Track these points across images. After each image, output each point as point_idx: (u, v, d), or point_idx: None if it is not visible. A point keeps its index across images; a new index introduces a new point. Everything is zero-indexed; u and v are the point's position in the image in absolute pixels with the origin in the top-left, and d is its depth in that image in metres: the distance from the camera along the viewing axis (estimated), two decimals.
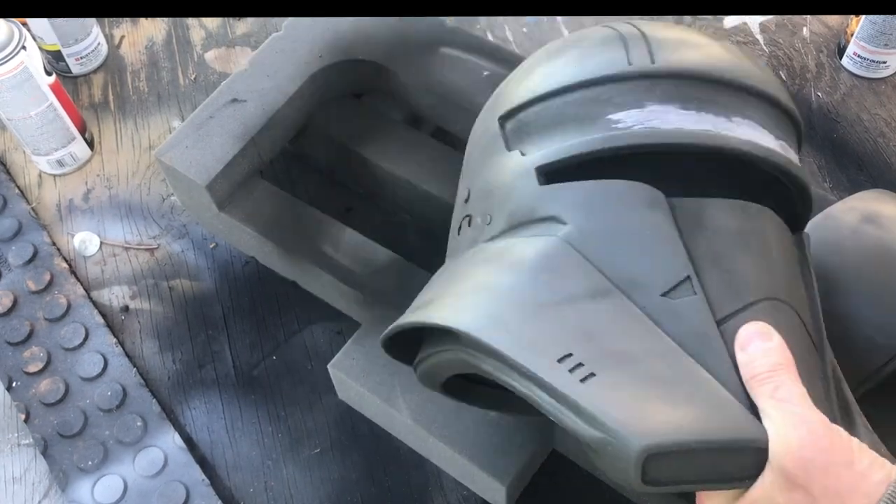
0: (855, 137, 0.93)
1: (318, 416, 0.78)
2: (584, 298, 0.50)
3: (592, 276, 0.51)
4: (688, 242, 0.51)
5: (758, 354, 0.48)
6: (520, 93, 0.58)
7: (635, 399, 0.46)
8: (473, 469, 0.67)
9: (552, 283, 0.51)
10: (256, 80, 0.83)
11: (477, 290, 0.53)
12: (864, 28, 0.93)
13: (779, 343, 0.49)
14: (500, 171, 0.57)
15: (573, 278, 0.51)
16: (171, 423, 0.77)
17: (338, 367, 0.72)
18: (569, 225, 0.53)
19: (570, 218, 0.53)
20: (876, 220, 0.66)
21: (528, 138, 0.57)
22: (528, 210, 0.55)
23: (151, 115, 0.97)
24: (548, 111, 0.56)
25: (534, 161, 0.55)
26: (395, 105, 0.88)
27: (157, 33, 1.04)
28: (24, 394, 0.79)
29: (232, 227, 0.82)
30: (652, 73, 0.54)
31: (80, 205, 0.91)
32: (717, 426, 0.46)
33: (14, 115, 0.86)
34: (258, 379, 0.80)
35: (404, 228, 0.87)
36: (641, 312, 0.50)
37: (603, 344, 0.49)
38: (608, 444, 0.45)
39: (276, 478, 0.75)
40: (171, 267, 0.87)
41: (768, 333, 0.49)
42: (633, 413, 0.46)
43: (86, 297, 0.84)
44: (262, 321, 0.83)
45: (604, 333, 0.49)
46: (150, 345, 0.82)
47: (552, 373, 0.47)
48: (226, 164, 0.79)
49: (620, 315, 0.50)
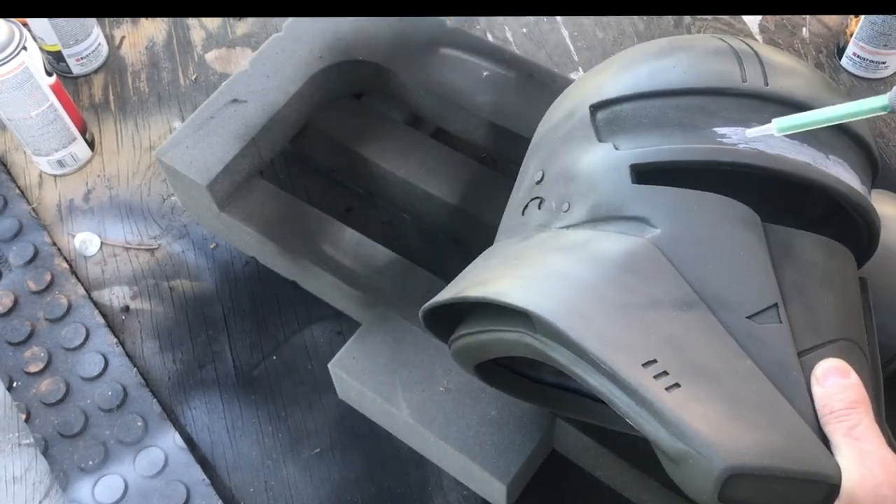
0: None
1: (318, 416, 0.78)
2: (670, 307, 0.49)
3: (680, 285, 0.50)
4: (776, 270, 0.51)
5: (836, 390, 0.48)
6: (617, 85, 0.57)
7: (721, 416, 0.46)
8: (474, 468, 0.67)
9: (638, 285, 0.50)
10: (257, 81, 0.83)
11: (555, 277, 0.52)
12: (863, 28, 0.93)
13: (856, 381, 0.49)
14: (586, 160, 0.56)
15: (660, 284, 0.50)
16: (172, 423, 0.77)
17: (338, 367, 0.72)
18: (659, 229, 0.52)
19: (661, 222, 0.52)
20: None
21: (623, 133, 0.56)
22: (616, 205, 0.53)
23: (152, 115, 0.97)
24: (649, 110, 0.55)
25: (629, 157, 0.54)
26: (395, 105, 0.89)
27: (157, 34, 1.04)
28: (25, 394, 0.79)
29: (232, 227, 0.82)
30: (764, 94, 0.53)
31: (81, 205, 0.91)
32: (797, 456, 0.46)
33: (15, 116, 0.86)
34: (258, 379, 0.80)
35: (404, 228, 0.87)
36: (726, 331, 0.49)
37: (688, 356, 0.48)
38: (690, 458, 0.45)
39: (276, 478, 0.75)
40: (172, 267, 0.87)
41: (846, 371, 0.49)
42: (719, 430, 0.45)
43: (86, 297, 0.85)
44: (262, 321, 0.83)
45: (689, 346, 0.48)
46: (150, 345, 0.82)
47: (638, 376, 0.47)
48: (226, 164, 0.79)
49: (706, 330, 0.49)
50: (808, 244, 0.52)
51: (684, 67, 0.55)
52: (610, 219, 0.53)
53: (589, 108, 0.57)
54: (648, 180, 0.53)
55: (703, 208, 0.52)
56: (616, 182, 0.54)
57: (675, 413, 0.45)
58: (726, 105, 0.53)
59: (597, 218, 0.54)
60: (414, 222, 0.87)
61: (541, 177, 0.59)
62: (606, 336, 0.48)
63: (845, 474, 0.46)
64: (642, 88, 0.55)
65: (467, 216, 0.80)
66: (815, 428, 0.48)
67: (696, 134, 0.53)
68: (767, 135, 0.52)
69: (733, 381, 0.48)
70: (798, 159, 0.52)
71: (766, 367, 0.48)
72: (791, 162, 0.52)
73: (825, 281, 0.52)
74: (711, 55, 0.56)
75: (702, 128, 0.53)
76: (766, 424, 0.46)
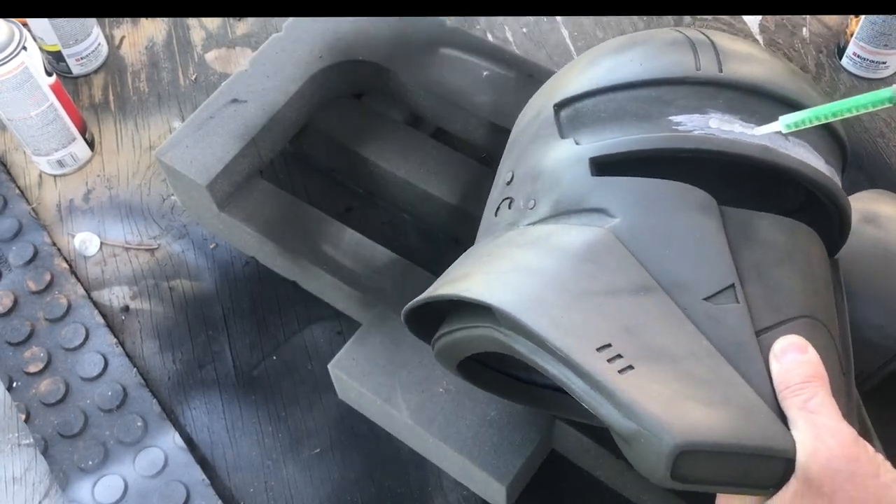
0: (855, 137, 0.93)
1: (318, 416, 0.78)
2: (627, 293, 0.50)
3: (637, 271, 0.51)
4: (734, 251, 0.51)
5: (792, 366, 0.49)
6: (579, 82, 0.58)
7: (672, 395, 0.47)
8: (473, 469, 0.67)
9: (596, 274, 0.51)
10: (256, 81, 0.83)
11: (517, 271, 0.53)
12: (863, 28, 0.93)
13: (814, 357, 0.49)
14: (550, 157, 0.57)
15: (617, 271, 0.51)
16: (172, 423, 0.77)
17: (338, 367, 0.72)
18: (617, 218, 0.53)
19: (620, 212, 0.53)
20: (875, 220, 0.66)
21: (584, 128, 0.57)
22: (576, 198, 0.55)
23: (152, 115, 0.97)
24: (608, 104, 0.56)
25: (588, 151, 0.55)
26: (395, 105, 0.89)
27: (157, 34, 1.04)
28: (25, 394, 0.79)
29: (232, 227, 0.82)
30: (718, 81, 0.54)
31: (81, 205, 0.91)
32: (750, 432, 0.46)
33: (14, 116, 0.86)
34: (258, 379, 0.80)
35: (404, 228, 0.87)
36: (683, 313, 0.50)
37: (643, 339, 0.49)
38: (641, 437, 0.46)
39: (276, 478, 0.75)
40: (172, 267, 0.87)
41: (804, 347, 0.49)
42: (670, 409, 0.46)
43: (86, 297, 0.85)
44: (262, 321, 0.83)
45: (644, 329, 0.49)
46: (150, 345, 0.82)
47: (591, 360, 0.47)
48: (226, 164, 0.79)
49: (662, 313, 0.50)
50: (767, 225, 0.53)
51: (641, 60, 0.56)
52: (572, 212, 0.55)
53: (553, 106, 0.59)
54: (610, 172, 0.54)
55: (660, 195, 0.53)
56: (577, 176, 0.55)
57: (626, 394, 0.46)
58: (682, 94, 0.54)
59: (560, 212, 0.55)
60: (414, 222, 0.87)
61: (511, 177, 0.60)
62: (563, 324, 0.49)
63: (799, 447, 0.47)
64: (602, 84, 0.56)
65: (467, 216, 0.80)
66: (773, 404, 0.48)
67: (652, 124, 0.54)
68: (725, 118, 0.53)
69: (688, 361, 0.48)
70: (754, 142, 0.53)
71: (723, 347, 0.49)
72: (745, 145, 0.53)
73: (785, 260, 0.52)
74: (667, 46, 0.57)
75: (658, 117, 0.54)
76: (719, 402, 0.47)
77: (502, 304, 0.50)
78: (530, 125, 0.61)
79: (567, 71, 0.61)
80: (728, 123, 0.53)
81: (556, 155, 0.57)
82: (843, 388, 0.53)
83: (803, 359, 0.49)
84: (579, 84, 0.58)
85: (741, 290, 0.50)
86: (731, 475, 0.47)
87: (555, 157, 0.57)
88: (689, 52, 0.56)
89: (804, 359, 0.49)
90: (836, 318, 0.55)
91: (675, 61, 0.55)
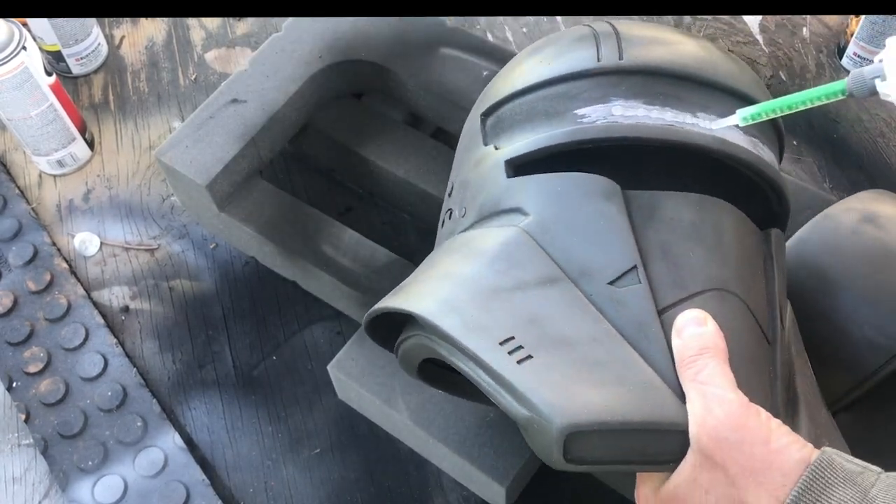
0: (855, 137, 0.93)
1: (318, 417, 0.78)
2: (535, 285, 0.52)
3: (545, 264, 0.53)
4: (639, 233, 0.53)
5: (689, 340, 0.49)
6: (501, 89, 0.60)
7: (565, 380, 0.48)
8: (473, 470, 0.67)
9: (506, 271, 0.53)
10: (256, 81, 0.83)
11: (440, 278, 0.55)
12: (864, 28, 0.93)
13: (712, 329, 0.50)
14: (476, 165, 0.59)
15: (527, 266, 0.53)
16: (172, 423, 0.77)
17: (337, 368, 0.72)
18: (530, 216, 0.54)
19: (532, 209, 0.55)
20: (875, 220, 0.66)
21: (504, 133, 0.59)
22: (495, 201, 0.57)
23: (151, 115, 0.97)
24: (522, 107, 0.58)
25: (504, 155, 0.57)
26: (395, 105, 0.88)
27: (157, 34, 1.04)
28: (25, 394, 0.79)
29: (232, 227, 0.82)
30: (619, 69, 0.55)
31: (81, 205, 0.91)
32: (641, 408, 0.47)
33: (14, 116, 0.86)
34: (258, 379, 0.80)
35: (404, 228, 0.87)
36: (587, 300, 0.51)
37: (545, 329, 0.50)
38: (534, 422, 0.47)
39: (276, 478, 0.75)
40: (172, 267, 0.87)
41: (703, 319, 0.50)
42: (561, 393, 0.47)
43: (86, 297, 0.85)
44: (262, 321, 0.83)
45: (547, 319, 0.51)
46: (150, 345, 0.82)
47: (492, 354, 0.49)
48: (226, 164, 0.79)
49: (566, 302, 0.51)
50: (673, 203, 0.54)
51: (549, 60, 0.58)
52: (493, 215, 0.57)
53: (480, 115, 0.61)
54: (527, 172, 0.56)
55: (566, 188, 0.54)
56: (495, 180, 0.57)
57: (521, 383, 0.48)
58: (585, 87, 0.56)
59: (483, 216, 0.57)
60: (414, 222, 0.87)
61: (450, 189, 0.63)
62: (471, 323, 0.51)
63: (690, 419, 0.47)
64: (517, 88, 0.58)
65: None
66: (673, 380, 0.49)
67: (559, 119, 0.56)
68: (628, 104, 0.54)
69: (588, 346, 0.50)
70: (656, 123, 0.54)
71: (625, 328, 0.50)
72: (647, 127, 0.54)
73: (692, 236, 0.53)
74: (573, 42, 0.58)
75: (564, 113, 0.56)
76: (613, 382, 0.48)
77: (420, 311, 0.52)
78: (464, 136, 0.64)
79: (495, 80, 0.63)
80: (632, 109, 0.55)
81: (479, 162, 0.59)
82: (762, 358, 0.53)
83: (700, 331, 0.49)
84: (500, 91, 0.60)
85: (643, 271, 0.51)
86: (627, 453, 0.48)
87: (478, 164, 0.59)
88: (592, 45, 0.57)
89: (700, 331, 0.49)
90: (762, 288, 0.55)
91: (578, 56, 0.57)
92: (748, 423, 0.46)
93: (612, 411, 0.47)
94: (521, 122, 0.58)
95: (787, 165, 0.90)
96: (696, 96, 0.55)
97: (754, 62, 0.98)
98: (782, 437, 0.46)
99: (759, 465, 0.46)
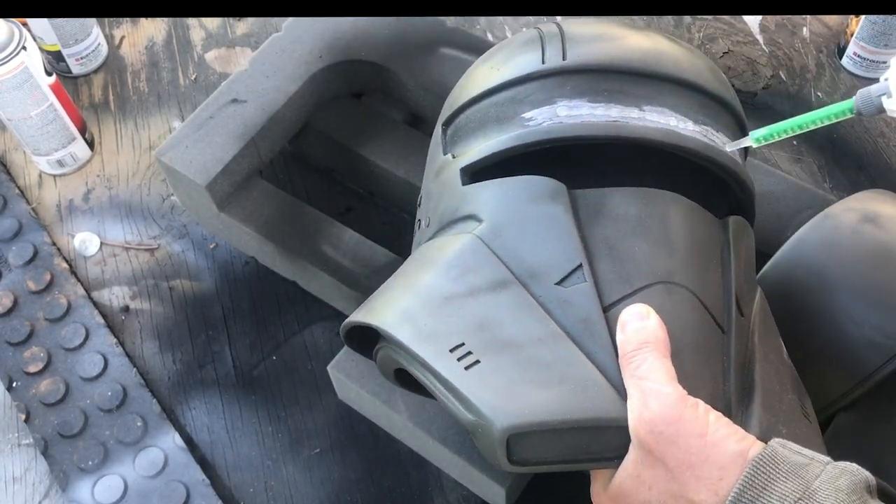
0: (855, 137, 0.93)
1: (318, 416, 0.78)
2: (486, 290, 0.53)
3: (496, 268, 0.53)
4: (585, 232, 0.53)
5: (631, 335, 0.49)
6: (458, 98, 0.61)
7: (509, 383, 0.48)
8: (473, 471, 0.67)
9: (460, 278, 0.53)
10: (256, 81, 0.83)
11: (401, 288, 0.56)
12: (864, 28, 0.93)
13: (654, 323, 0.49)
14: (437, 175, 0.60)
15: (479, 272, 0.53)
16: (172, 423, 0.77)
17: (337, 369, 0.72)
18: (484, 221, 0.55)
19: (485, 214, 0.55)
20: (875, 220, 0.66)
21: (461, 141, 0.60)
22: (453, 210, 0.57)
23: (151, 115, 0.97)
24: (476, 114, 0.59)
25: (459, 163, 0.58)
26: (395, 105, 0.88)
27: (157, 33, 1.04)
28: (25, 394, 0.79)
29: (232, 227, 0.82)
30: (563, 69, 0.56)
31: (81, 205, 0.91)
32: (581, 406, 0.48)
33: (14, 116, 0.86)
34: (258, 379, 0.80)
35: (404, 228, 0.87)
36: (535, 302, 0.52)
37: (493, 333, 0.51)
38: (479, 426, 0.48)
39: (276, 478, 0.75)
40: (172, 267, 0.87)
41: (645, 314, 0.50)
42: (503, 396, 0.48)
43: (86, 297, 0.85)
44: (262, 321, 0.83)
45: (496, 323, 0.51)
46: (150, 345, 0.82)
47: (442, 362, 0.50)
48: (226, 164, 0.79)
49: (515, 305, 0.52)
50: (619, 199, 0.54)
51: (498, 66, 0.59)
52: (451, 223, 0.57)
53: (441, 125, 0.62)
54: (481, 178, 0.57)
55: (514, 192, 0.55)
56: (452, 188, 0.58)
57: (467, 388, 0.48)
58: (532, 90, 0.56)
59: (443, 225, 0.58)
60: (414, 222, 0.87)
61: (419, 200, 0.64)
62: (424, 331, 0.51)
63: (629, 414, 0.47)
64: (472, 95, 0.59)
65: None
66: (617, 378, 0.49)
67: (508, 124, 0.57)
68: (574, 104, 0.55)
69: (533, 347, 0.50)
70: (601, 120, 0.54)
71: (572, 328, 0.51)
72: (590, 125, 0.54)
73: (637, 230, 0.53)
74: (520, 46, 0.59)
75: (513, 117, 0.57)
76: (555, 382, 0.48)
77: (379, 324, 0.53)
78: (430, 147, 0.64)
79: (454, 89, 0.63)
80: (576, 108, 0.55)
81: (439, 171, 0.60)
82: (714, 348, 0.53)
83: (640, 326, 0.49)
84: (458, 99, 0.61)
85: (589, 269, 0.52)
86: (572, 452, 0.48)
87: (439, 174, 0.60)
88: (538, 48, 0.57)
89: (641, 326, 0.49)
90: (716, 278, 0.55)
91: (524, 60, 0.57)
92: (684, 415, 0.46)
93: (552, 411, 0.47)
94: (475, 129, 0.59)
95: (787, 165, 0.90)
96: (641, 89, 0.55)
97: (754, 62, 0.98)
98: (720, 429, 0.46)
99: (696, 459, 0.46)
